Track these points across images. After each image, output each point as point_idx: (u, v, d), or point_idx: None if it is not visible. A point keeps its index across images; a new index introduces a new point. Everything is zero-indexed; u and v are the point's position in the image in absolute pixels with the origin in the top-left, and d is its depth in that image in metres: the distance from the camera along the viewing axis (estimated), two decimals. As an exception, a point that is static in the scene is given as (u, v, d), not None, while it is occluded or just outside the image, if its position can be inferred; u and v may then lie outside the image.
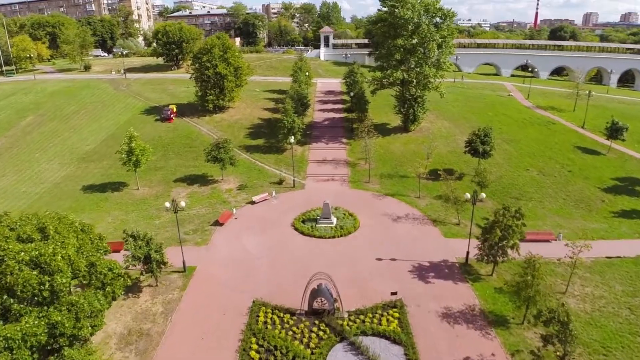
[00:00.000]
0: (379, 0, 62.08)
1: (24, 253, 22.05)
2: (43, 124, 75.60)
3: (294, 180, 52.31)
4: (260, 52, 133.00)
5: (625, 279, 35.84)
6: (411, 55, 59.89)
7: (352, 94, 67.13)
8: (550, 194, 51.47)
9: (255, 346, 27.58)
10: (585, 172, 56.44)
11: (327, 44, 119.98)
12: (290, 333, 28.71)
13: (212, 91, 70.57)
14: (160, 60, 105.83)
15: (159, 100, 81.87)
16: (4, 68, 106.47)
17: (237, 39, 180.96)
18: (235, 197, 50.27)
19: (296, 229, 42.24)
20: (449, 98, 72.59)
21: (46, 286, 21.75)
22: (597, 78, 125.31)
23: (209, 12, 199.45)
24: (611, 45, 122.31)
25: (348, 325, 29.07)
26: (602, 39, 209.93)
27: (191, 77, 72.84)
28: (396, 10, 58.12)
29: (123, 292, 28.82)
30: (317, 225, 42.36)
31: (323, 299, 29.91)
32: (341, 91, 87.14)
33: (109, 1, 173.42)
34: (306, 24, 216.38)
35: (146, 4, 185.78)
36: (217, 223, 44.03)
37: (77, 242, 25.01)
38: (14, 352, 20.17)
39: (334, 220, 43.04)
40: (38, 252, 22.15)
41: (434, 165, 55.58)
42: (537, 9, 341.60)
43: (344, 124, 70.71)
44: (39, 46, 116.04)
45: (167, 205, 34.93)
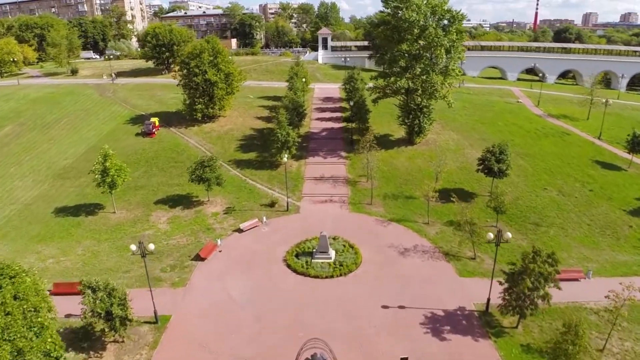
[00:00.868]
0: (382, 2, 55.96)
1: None
2: (22, 134, 69.47)
3: (287, 202, 46.35)
4: (257, 54, 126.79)
5: (675, 332, 30.07)
6: (416, 62, 53.86)
7: (352, 103, 61.06)
8: (572, 219, 45.57)
9: None
10: (607, 191, 50.55)
11: (325, 46, 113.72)
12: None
13: (201, 99, 64.49)
14: (151, 64, 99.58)
15: (145, 108, 75.74)
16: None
17: (234, 40, 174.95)
18: (221, 223, 44.27)
19: (289, 265, 36.30)
20: (456, 106, 66.51)
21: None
22: (605, 81, 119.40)
23: (204, 12, 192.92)
24: (620, 48, 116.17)
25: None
26: (601, 38, 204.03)
27: (179, 84, 66.72)
28: (400, 12, 52.09)
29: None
30: (313, 260, 36.45)
31: (318, 372, 24.03)
32: (340, 97, 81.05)
33: (102, 1, 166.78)
34: (304, 25, 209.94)
35: (140, 4, 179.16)
36: (199, 257, 38.06)
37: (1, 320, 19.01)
38: None
39: (332, 254, 37.14)
40: None
41: (442, 184, 49.78)
42: (536, 9, 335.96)
43: (343, 134, 64.69)
44: (25, 49, 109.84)
45: (132, 249, 28.96)
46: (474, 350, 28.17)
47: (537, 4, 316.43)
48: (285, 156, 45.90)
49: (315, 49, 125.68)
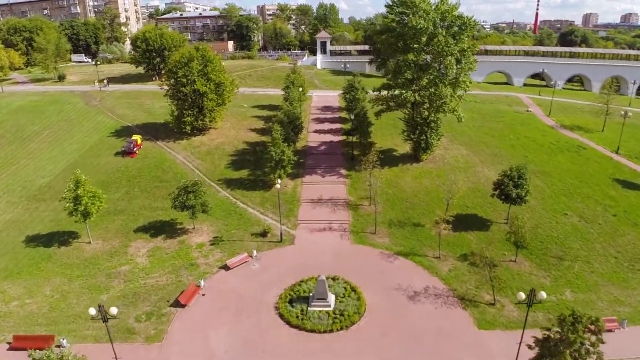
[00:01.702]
0: (386, 7, 50.75)
1: None
2: (0, 148, 64.20)
3: (281, 232, 41.16)
4: (253, 58, 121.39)
5: None
6: (424, 73, 48.62)
7: (352, 116, 55.79)
8: (598, 250, 40.47)
9: None
10: (632, 216, 45.43)
11: (324, 51, 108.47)
12: None
13: (190, 111, 59.24)
14: (141, 69, 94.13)
15: (132, 119, 70.46)
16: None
17: (230, 43, 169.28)
18: (206, 257, 39.09)
19: (281, 315, 31.16)
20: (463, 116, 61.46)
21: None
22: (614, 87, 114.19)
23: (200, 14, 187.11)
24: (631, 52, 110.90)
25: None
26: (608, 41, 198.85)
27: (166, 94, 61.45)
28: (406, 18, 46.85)
29: None
30: (310, 308, 31.35)
31: None
32: (339, 106, 75.83)
33: (95, 3, 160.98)
34: (302, 26, 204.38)
35: (135, 5, 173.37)
36: (179, 304, 32.92)
37: None
38: None
39: (332, 299, 32.05)
40: None
41: (453, 208, 44.62)
42: (537, 9, 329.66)
43: (343, 149, 59.48)
44: (11, 54, 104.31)
45: (92, 313, 23.80)
46: None
47: (537, 5, 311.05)
48: (279, 182, 40.60)
49: (314, 51, 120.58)
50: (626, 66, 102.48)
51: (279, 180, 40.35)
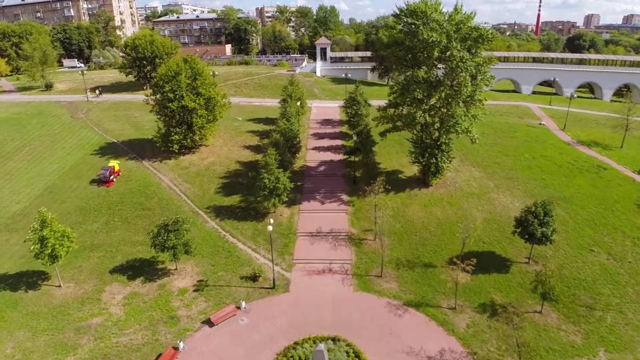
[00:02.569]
0: (393, 17, 45.41)
1: None
2: (-24, 166, 58.96)
3: (274, 277, 35.91)
4: (250, 64, 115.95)
5: None
6: (435, 90, 43.32)
7: (355, 137, 50.44)
8: (631, 297, 35.30)
9: None
10: (666, 251, 40.32)
11: (324, 57, 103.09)
12: None
13: (178, 129, 53.97)
14: (132, 78, 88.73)
15: (118, 134, 65.20)
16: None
17: (228, 46, 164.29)
18: (188, 307, 33.91)
19: (272, 392, 26.02)
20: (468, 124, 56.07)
21: None
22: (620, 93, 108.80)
23: (197, 16, 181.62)
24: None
25: None
26: (617, 46, 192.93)
27: (152, 110, 56.17)
28: (418, 30, 41.48)
29: None
30: (306, 382, 26.21)
31: None
32: (340, 120, 70.53)
33: (89, 6, 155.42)
34: (302, 29, 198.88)
35: (130, 8, 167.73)
36: (152, 374, 27.83)
37: None
38: None
39: (332, 370, 26.89)
40: None
41: (468, 246, 39.42)
42: (539, 11, 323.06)
43: (345, 169, 54.20)
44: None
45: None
46: None
47: (539, 6, 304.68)
48: (271, 223, 35.18)
49: (314, 55, 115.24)
50: (638, 74, 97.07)
51: (270, 225, 34.82)
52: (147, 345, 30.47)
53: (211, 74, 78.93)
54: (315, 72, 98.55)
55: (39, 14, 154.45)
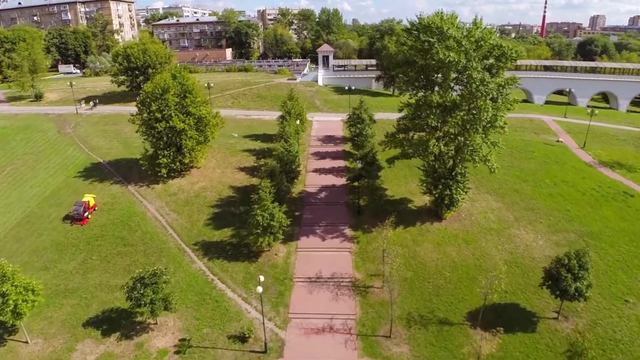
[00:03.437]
0: (404, 32, 39.99)
1: None
2: (-47, 188, 54.00)
3: (265, 340, 30.60)
4: (250, 71, 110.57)
5: None
6: (450, 116, 37.84)
7: (359, 163, 45.08)
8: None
9: None
10: None
11: (326, 63, 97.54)
12: None
13: (166, 151, 48.79)
14: (124, 87, 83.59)
15: (106, 152, 60.09)
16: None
17: (228, 50, 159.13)
18: (167, 378, 28.82)
19: None
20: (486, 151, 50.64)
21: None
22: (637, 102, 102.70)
23: (198, 20, 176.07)
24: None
25: None
26: (619, 47, 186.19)
27: (138, 130, 51.00)
28: (433, 47, 36.02)
29: None
30: None
31: None
32: (343, 136, 65.10)
33: (87, 9, 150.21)
34: (305, 31, 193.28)
35: (129, 11, 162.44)
36: None
37: None
38: None
39: None
40: None
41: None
42: (544, 12, 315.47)
43: (348, 196, 48.83)
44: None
45: None
46: None
47: (544, 7, 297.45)
48: (261, 283, 29.80)
49: (316, 60, 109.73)
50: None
51: (260, 286, 29.44)
52: None
53: (206, 85, 74.13)
54: (317, 81, 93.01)
55: (36, 18, 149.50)
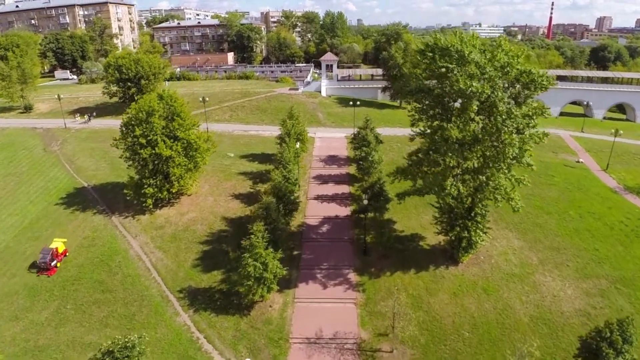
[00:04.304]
0: (418, 53, 34.66)
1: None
2: None
3: None
4: (250, 78, 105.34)
5: None
6: (471, 151, 32.49)
7: (365, 198, 39.82)
8: None
9: None
10: None
11: (330, 68, 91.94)
12: None
13: (152, 180, 43.75)
14: (117, 99, 78.65)
15: (91, 175, 55.22)
16: None
17: (230, 54, 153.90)
18: None
19: None
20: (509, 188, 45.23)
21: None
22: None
23: (199, 23, 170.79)
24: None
25: None
26: (630, 50, 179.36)
27: (121, 156, 46.01)
28: (452, 74, 30.69)
29: None
30: None
31: None
32: (347, 157, 59.84)
33: (86, 12, 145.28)
34: (309, 34, 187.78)
35: (129, 14, 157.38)
36: None
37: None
38: None
39: None
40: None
41: None
42: (551, 13, 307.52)
43: (353, 230, 43.66)
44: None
45: None
46: None
47: (551, 9, 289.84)
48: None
49: (320, 64, 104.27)
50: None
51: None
52: None
53: (201, 100, 69.14)
54: (320, 92, 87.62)
55: (33, 21, 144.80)
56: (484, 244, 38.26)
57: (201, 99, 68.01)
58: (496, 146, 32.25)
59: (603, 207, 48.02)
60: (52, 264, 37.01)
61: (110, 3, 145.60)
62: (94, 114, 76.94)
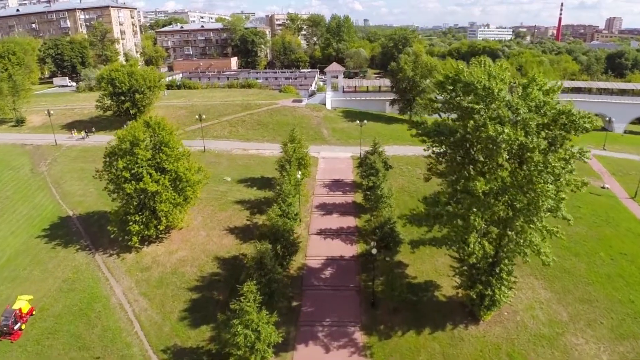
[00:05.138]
0: (436, 86, 29.79)
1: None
2: None
3: None
4: (253, 87, 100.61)
5: None
6: (497, 201, 27.49)
7: (374, 247, 34.98)
8: None
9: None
10: None
11: (335, 77, 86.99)
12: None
13: (137, 216, 39.23)
14: (111, 113, 74.29)
15: (78, 202, 50.95)
16: None
17: (234, 59, 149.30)
18: None
19: None
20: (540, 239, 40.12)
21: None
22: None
23: (202, 26, 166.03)
24: None
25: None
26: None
27: (105, 188, 41.55)
28: (478, 116, 25.75)
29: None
30: None
31: None
32: (353, 181, 55.03)
33: (87, 16, 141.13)
34: (315, 38, 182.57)
35: (131, 18, 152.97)
36: None
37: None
38: None
39: None
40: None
41: None
42: (560, 14, 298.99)
43: (360, 275, 38.89)
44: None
45: None
46: None
47: (560, 10, 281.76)
48: None
49: (324, 70, 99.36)
50: None
51: None
52: None
53: (197, 117, 64.80)
54: (325, 104, 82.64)
55: (34, 25, 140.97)
56: (508, 301, 33.31)
57: (197, 116, 63.54)
58: (528, 197, 27.28)
59: (636, 246, 42.83)
60: (16, 327, 32.18)
61: (112, 7, 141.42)
62: (93, 129, 72.64)
